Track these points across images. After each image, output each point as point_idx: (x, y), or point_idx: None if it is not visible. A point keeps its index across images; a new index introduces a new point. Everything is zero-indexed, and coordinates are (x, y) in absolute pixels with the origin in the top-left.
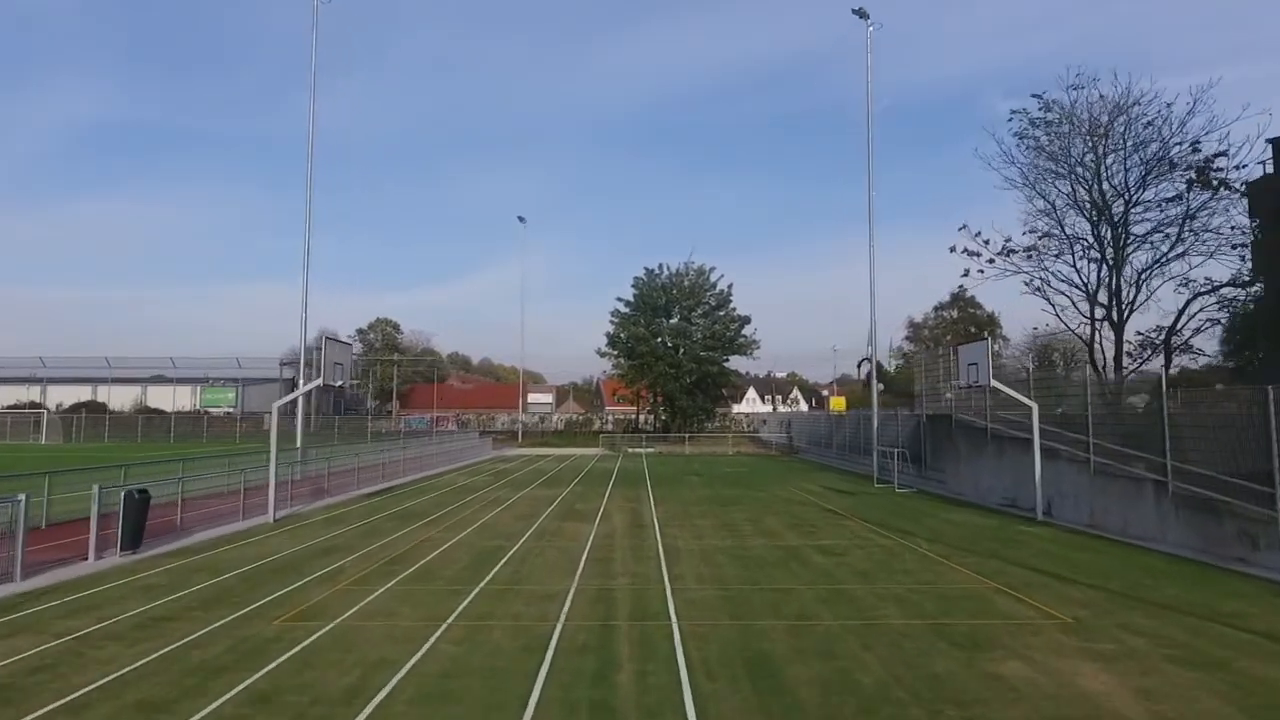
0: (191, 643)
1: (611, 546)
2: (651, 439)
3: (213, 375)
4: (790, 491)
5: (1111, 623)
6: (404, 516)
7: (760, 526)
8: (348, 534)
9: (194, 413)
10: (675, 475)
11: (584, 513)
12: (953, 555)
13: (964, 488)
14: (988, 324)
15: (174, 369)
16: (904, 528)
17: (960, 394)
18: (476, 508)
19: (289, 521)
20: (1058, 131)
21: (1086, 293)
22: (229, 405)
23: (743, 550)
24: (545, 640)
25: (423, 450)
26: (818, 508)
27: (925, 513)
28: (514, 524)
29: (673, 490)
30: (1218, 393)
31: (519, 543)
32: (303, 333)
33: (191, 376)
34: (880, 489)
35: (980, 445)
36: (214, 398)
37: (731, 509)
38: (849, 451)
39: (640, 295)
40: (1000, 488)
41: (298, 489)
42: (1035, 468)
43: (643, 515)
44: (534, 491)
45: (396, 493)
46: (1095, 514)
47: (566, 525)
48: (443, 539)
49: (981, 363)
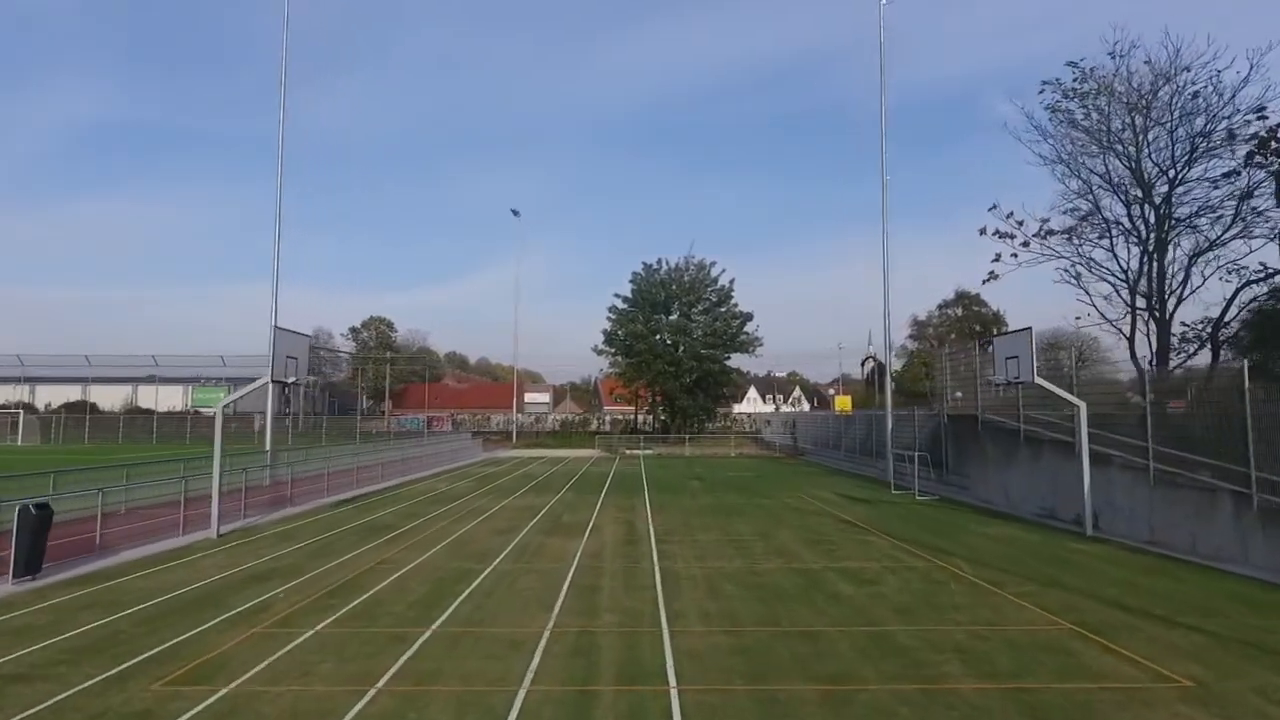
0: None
1: (600, 570)
2: (650, 440)
3: (206, 375)
4: (800, 499)
5: (1245, 686)
6: (367, 530)
7: (772, 543)
8: (295, 553)
9: (183, 413)
10: (674, 480)
11: (572, 526)
12: (1005, 582)
13: (992, 495)
14: (993, 322)
15: (157, 368)
16: (936, 544)
17: (988, 392)
18: (452, 519)
19: (235, 537)
20: (1095, 104)
21: (1127, 281)
22: None
23: (754, 576)
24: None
25: (404, 453)
26: (833, 519)
27: (955, 525)
28: (490, 540)
29: (672, 498)
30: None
31: (492, 565)
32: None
33: (184, 376)
34: (898, 496)
35: (1011, 449)
36: (205, 397)
37: (737, 520)
38: (859, 454)
39: (638, 291)
40: (1035, 496)
41: (256, 497)
42: (1083, 475)
43: (637, 528)
44: (519, 500)
45: (368, 501)
46: (1156, 529)
47: (550, 542)
48: (403, 560)
49: (1023, 356)
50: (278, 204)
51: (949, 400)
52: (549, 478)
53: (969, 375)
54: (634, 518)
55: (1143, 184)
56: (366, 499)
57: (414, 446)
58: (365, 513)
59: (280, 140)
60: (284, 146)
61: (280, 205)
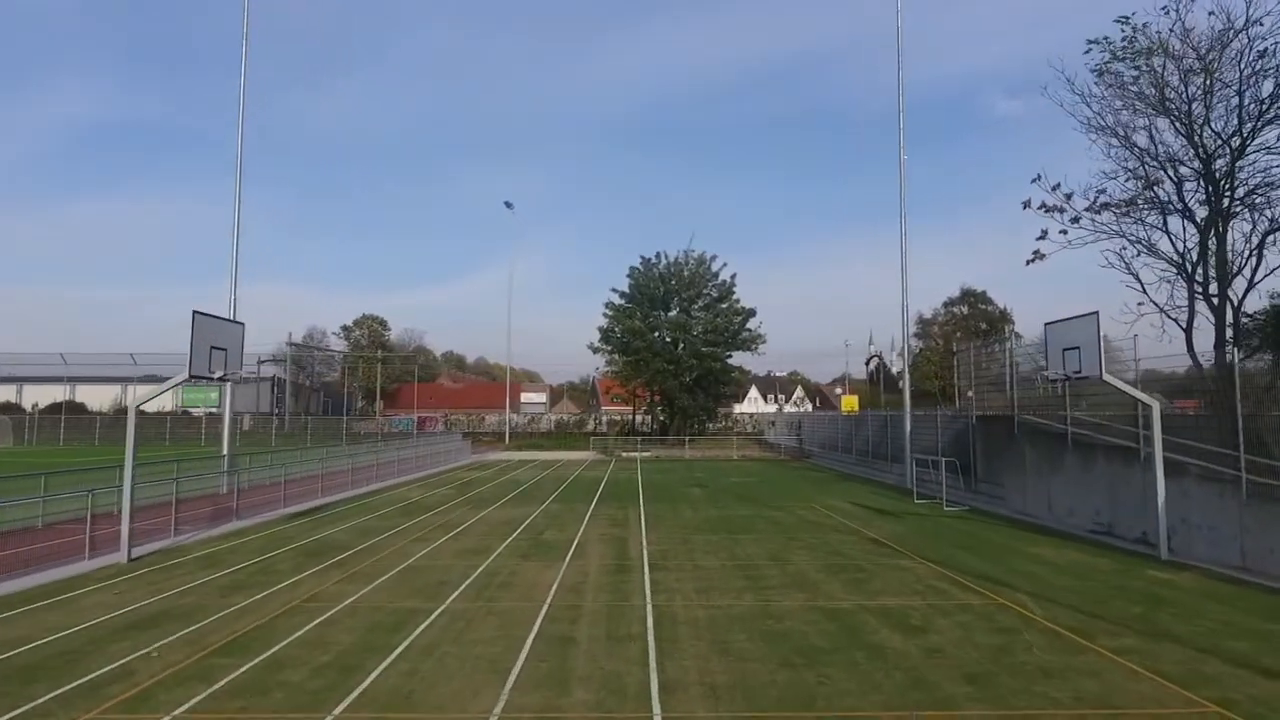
0: None
1: (578, 612)
2: (648, 442)
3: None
4: (814, 510)
5: None
6: (311, 552)
7: (789, 570)
8: (207, 587)
9: (172, 413)
10: (673, 487)
11: (553, 546)
12: (1092, 630)
13: (1032, 507)
14: (999, 320)
15: (135, 366)
16: (985, 571)
17: (1024, 390)
18: (415, 537)
19: (150, 561)
20: (1147, 65)
21: (1184, 266)
22: (212, 406)
23: (771, 619)
24: None
25: (380, 457)
26: (857, 536)
27: (999, 545)
28: (453, 566)
29: (670, 508)
30: None
31: (445, 603)
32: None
33: (167, 375)
34: (923, 507)
35: (1056, 455)
36: (195, 397)
37: (745, 538)
38: (872, 458)
39: (636, 286)
40: (1086, 509)
41: (197, 509)
42: (1157, 488)
43: (629, 549)
44: (498, 512)
45: (329, 513)
46: (1250, 553)
47: (524, 569)
48: (337, 596)
49: (1087, 346)
50: (236, 191)
51: (968, 398)
52: (537, 484)
53: (1000, 372)
54: (626, 534)
55: (1201, 156)
56: (328, 510)
57: (395, 449)
58: (319, 528)
59: (240, 132)
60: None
61: (239, 195)
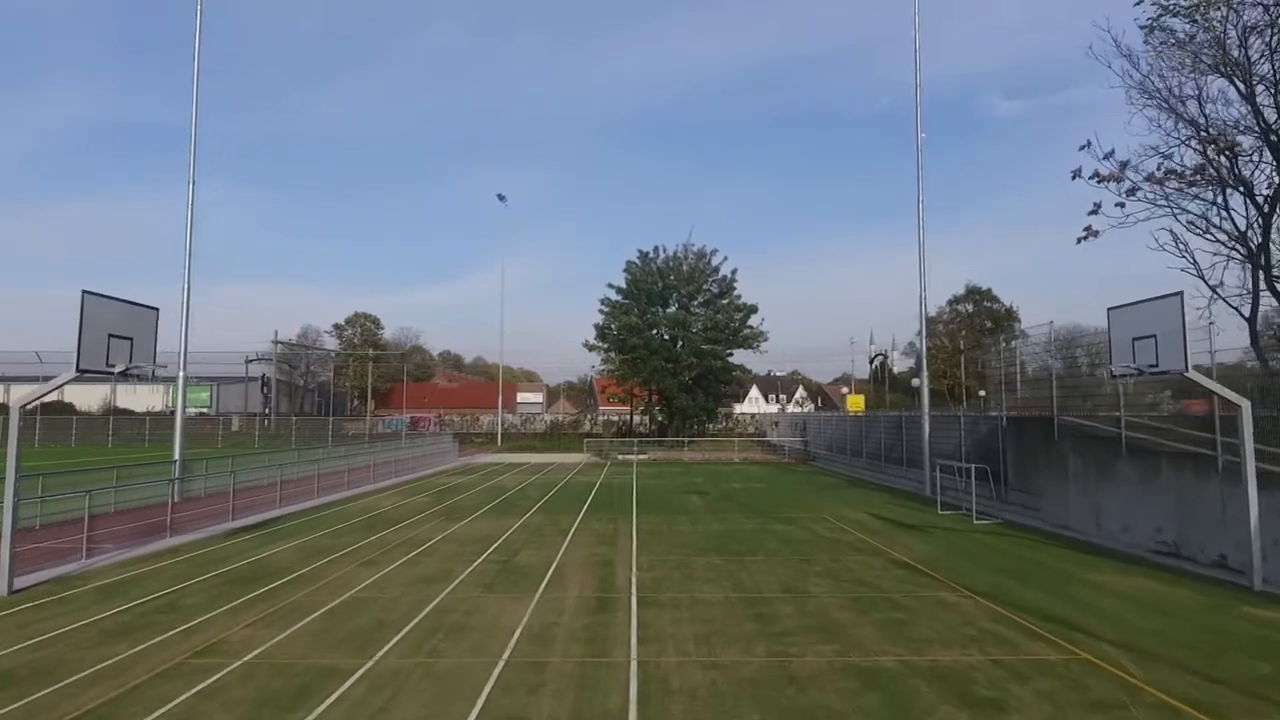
0: None
1: (540, 676)
2: (645, 443)
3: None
4: (827, 522)
5: None
6: (236, 581)
7: (807, 606)
8: (88, 631)
9: (160, 413)
10: (670, 494)
11: (526, 572)
12: (1223, 704)
13: (1076, 521)
14: (1005, 317)
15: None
16: (1048, 608)
17: (1065, 388)
18: (367, 559)
19: (36, 594)
20: (1205, 18)
21: (1247, 249)
22: (203, 406)
23: (794, 688)
24: None
25: (352, 462)
26: (882, 557)
27: (1051, 569)
28: (399, 601)
29: (666, 520)
30: None
31: (371, 660)
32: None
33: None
34: (949, 519)
35: (1106, 461)
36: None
37: (752, 560)
38: (885, 462)
39: (633, 281)
40: (1146, 526)
41: (126, 525)
42: (1250, 504)
43: (615, 576)
44: (472, 526)
45: (281, 527)
46: None
47: (485, 604)
48: (237, 649)
49: (1166, 334)
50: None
51: (980, 396)
52: (522, 490)
53: (1038, 367)
54: (614, 554)
55: (1262, 124)
56: (282, 523)
57: (374, 452)
58: (261, 547)
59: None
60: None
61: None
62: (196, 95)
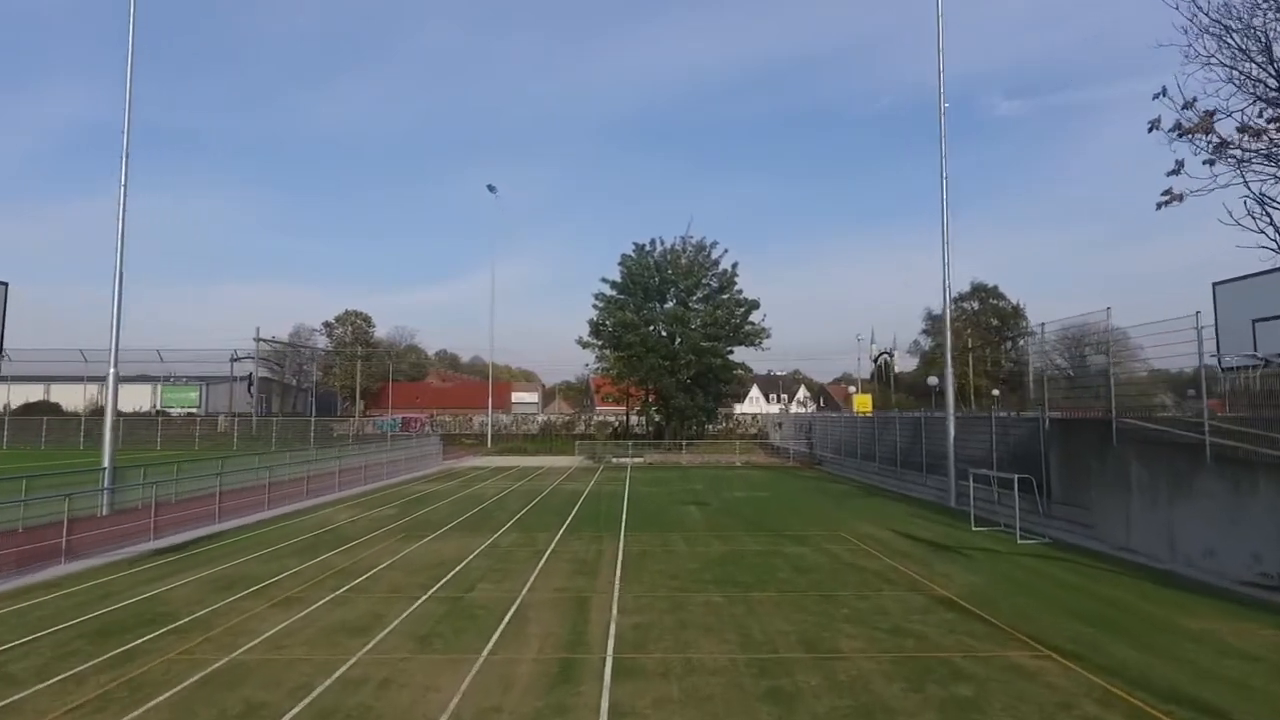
0: None
1: None
2: (641, 445)
3: (176, 374)
4: (848, 541)
5: None
6: (102, 633)
7: (839, 674)
8: None
9: (148, 414)
10: (666, 506)
11: (477, 616)
12: None
13: (1141, 543)
14: (1012, 315)
15: (86, 365)
16: (1159, 677)
17: (1123, 386)
18: (286, 596)
19: None
20: None
21: None
22: (191, 406)
23: None
24: None
25: (311, 469)
26: (923, 594)
27: (1136, 612)
28: (298, 665)
29: (659, 540)
30: None
31: None
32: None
33: (152, 374)
34: (986, 537)
35: (1182, 473)
36: (174, 397)
37: (762, 598)
38: (900, 467)
39: (629, 275)
40: (1239, 553)
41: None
42: None
43: (590, 623)
44: (431, 546)
45: (205, 548)
46: None
47: (410, 670)
48: None
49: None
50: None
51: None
52: (500, 500)
53: (1095, 360)
54: (592, 589)
55: None
56: (208, 544)
57: (341, 456)
58: (164, 577)
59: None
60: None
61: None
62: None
